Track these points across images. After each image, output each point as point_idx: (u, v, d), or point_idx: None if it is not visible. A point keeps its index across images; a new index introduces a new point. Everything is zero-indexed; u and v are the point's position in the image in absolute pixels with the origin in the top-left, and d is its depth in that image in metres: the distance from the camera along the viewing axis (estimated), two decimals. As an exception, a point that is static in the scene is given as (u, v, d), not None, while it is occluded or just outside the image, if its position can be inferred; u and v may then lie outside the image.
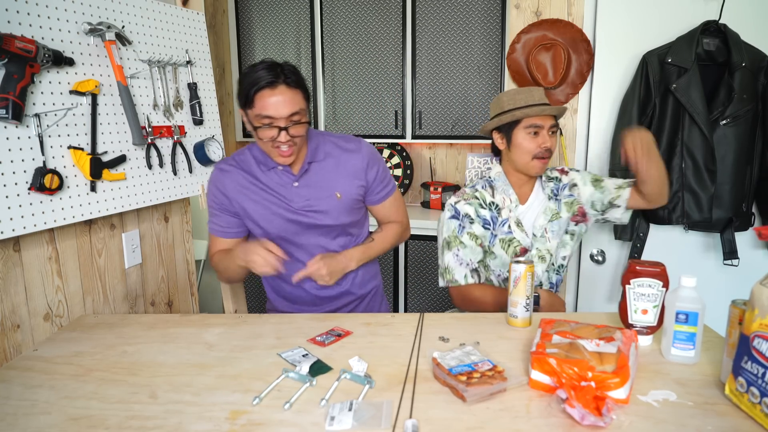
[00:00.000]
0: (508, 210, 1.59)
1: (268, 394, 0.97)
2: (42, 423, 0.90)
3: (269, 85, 1.25)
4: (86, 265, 1.51)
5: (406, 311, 2.76)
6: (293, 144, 1.31)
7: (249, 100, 1.28)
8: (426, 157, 3.06)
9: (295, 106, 1.28)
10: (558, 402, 0.91)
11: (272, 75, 1.25)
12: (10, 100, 1.20)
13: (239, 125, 3.04)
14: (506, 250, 1.57)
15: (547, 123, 1.52)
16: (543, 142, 1.51)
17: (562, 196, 1.62)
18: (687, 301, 1.04)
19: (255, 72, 1.27)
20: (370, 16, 2.72)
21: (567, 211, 1.61)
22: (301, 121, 1.30)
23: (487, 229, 1.58)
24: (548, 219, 1.59)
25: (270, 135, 1.29)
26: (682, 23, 2.02)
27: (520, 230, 1.58)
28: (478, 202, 1.58)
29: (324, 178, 1.43)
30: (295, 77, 1.29)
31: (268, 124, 1.28)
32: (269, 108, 1.26)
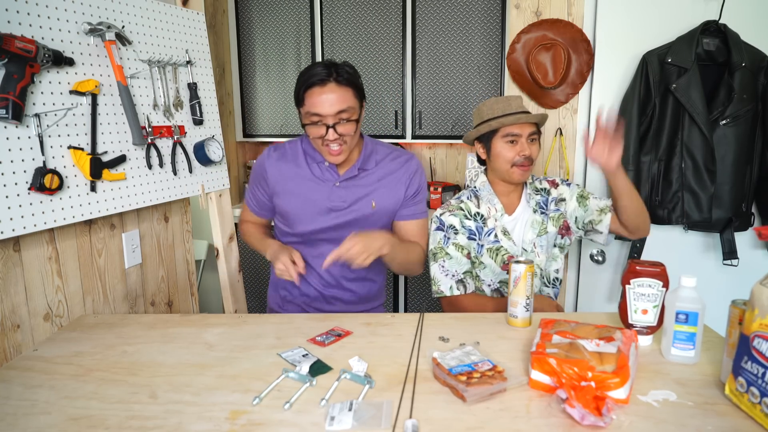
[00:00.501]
0: (493, 219, 1.59)
1: (268, 394, 0.97)
2: (42, 423, 0.90)
3: (319, 83, 1.26)
4: (86, 265, 1.51)
5: (406, 311, 2.76)
6: (343, 142, 1.32)
7: (300, 97, 1.30)
8: (426, 157, 3.06)
9: (344, 104, 1.28)
10: (558, 402, 0.91)
11: (324, 72, 1.26)
12: (10, 100, 1.20)
13: (239, 125, 3.04)
14: (495, 259, 1.58)
15: (526, 131, 1.52)
16: (521, 150, 1.52)
17: (549, 210, 1.61)
18: (687, 301, 1.04)
19: (310, 70, 1.29)
20: (370, 16, 2.72)
21: (554, 225, 1.60)
22: (350, 119, 1.30)
23: (473, 240, 1.58)
24: (536, 233, 1.59)
25: (318, 133, 1.30)
26: (682, 23, 2.02)
27: (507, 239, 1.58)
28: (463, 213, 1.59)
29: (365, 185, 1.43)
30: (348, 75, 1.29)
31: (317, 122, 1.28)
32: (317, 105, 1.27)
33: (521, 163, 1.52)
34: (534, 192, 1.63)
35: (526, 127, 1.52)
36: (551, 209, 1.61)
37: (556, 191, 1.63)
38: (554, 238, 1.61)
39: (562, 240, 1.63)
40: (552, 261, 1.62)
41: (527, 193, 1.62)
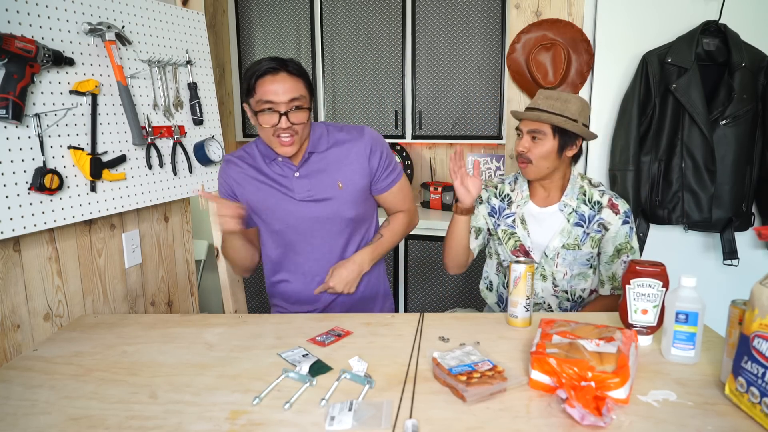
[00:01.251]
0: (516, 205, 1.59)
1: (268, 394, 0.97)
2: (42, 423, 0.90)
3: (271, 71, 1.28)
4: (86, 265, 1.51)
5: (406, 311, 2.76)
6: (294, 132, 1.31)
7: (251, 87, 1.30)
8: (426, 157, 3.06)
9: (296, 92, 1.29)
10: (558, 402, 0.91)
11: (276, 63, 1.28)
12: (10, 100, 1.20)
13: (239, 125, 3.04)
14: (506, 242, 1.59)
15: (526, 128, 1.50)
16: (518, 145, 1.52)
17: (591, 229, 1.52)
18: (687, 301, 1.04)
19: (258, 63, 1.30)
20: (370, 16, 2.72)
21: (591, 247, 1.53)
22: (302, 107, 1.31)
23: (492, 216, 1.63)
24: (562, 244, 1.53)
25: (271, 121, 1.30)
26: (682, 23, 2.02)
27: (523, 227, 1.56)
28: (495, 191, 1.64)
29: (326, 168, 1.42)
30: (298, 67, 1.32)
31: (269, 108, 1.28)
32: (269, 93, 1.27)
33: (519, 159, 1.52)
34: (583, 200, 1.54)
35: (528, 124, 1.50)
36: (593, 228, 1.52)
37: (608, 215, 1.52)
38: (588, 257, 1.54)
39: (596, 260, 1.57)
40: (580, 279, 1.56)
41: (567, 196, 1.54)
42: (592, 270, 1.57)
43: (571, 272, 1.55)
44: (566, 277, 1.55)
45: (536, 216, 1.57)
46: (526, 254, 1.56)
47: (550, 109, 1.47)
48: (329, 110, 2.90)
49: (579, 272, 1.56)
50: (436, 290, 2.70)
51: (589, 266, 1.56)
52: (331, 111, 2.89)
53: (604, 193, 1.54)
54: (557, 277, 1.56)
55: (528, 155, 1.49)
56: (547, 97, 1.49)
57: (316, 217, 1.43)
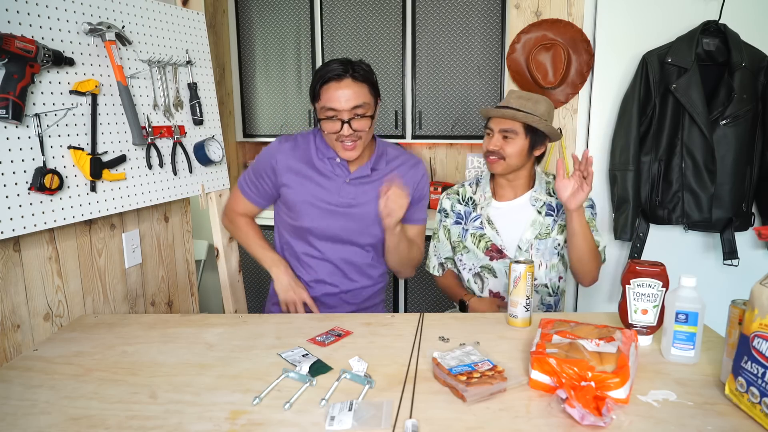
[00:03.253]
0: (481, 207, 1.61)
1: (268, 394, 0.97)
2: (42, 423, 0.90)
3: (335, 78, 1.28)
4: (86, 265, 1.51)
5: (406, 311, 2.76)
6: (357, 138, 1.32)
7: (316, 93, 1.31)
8: (426, 157, 3.06)
9: (359, 99, 1.29)
10: (558, 402, 0.91)
11: (341, 68, 1.28)
12: (10, 100, 1.20)
13: (239, 125, 3.04)
14: (477, 245, 1.59)
15: (497, 126, 1.51)
16: (488, 143, 1.53)
17: (559, 218, 1.57)
18: (687, 301, 1.04)
19: (326, 66, 1.30)
20: (370, 16, 2.72)
21: (560, 233, 1.57)
22: (365, 114, 1.31)
23: (459, 224, 1.63)
24: (535, 235, 1.56)
25: (333, 128, 1.30)
26: (682, 23, 2.02)
27: (491, 228, 1.58)
28: (458, 198, 1.65)
29: (375, 183, 1.43)
30: (364, 72, 1.31)
31: (332, 116, 1.29)
32: (333, 100, 1.28)
33: (488, 155, 1.53)
34: (550, 193, 1.59)
35: (499, 122, 1.51)
36: (562, 216, 1.57)
37: None
38: (554, 243, 1.57)
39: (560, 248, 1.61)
40: (555, 271, 1.60)
41: (536, 190, 1.59)
42: (560, 259, 1.61)
43: (546, 262, 1.58)
44: (542, 268, 1.58)
45: (503, 212, 1.59)
46: (499, 252, 1.57)
47: (523, 108, 1.50)
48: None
49: (552, 263, 1.59)
50: (436, 290, 2.69)
51: (557, 254, 1.59)
52: (331, 111, 2.89)
53: None
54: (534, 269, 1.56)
55: (500, 152, 1.51)
56: (519, 97, 1.53)
57: (347, 227, 1.43)
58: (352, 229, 1.44)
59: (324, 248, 1.47)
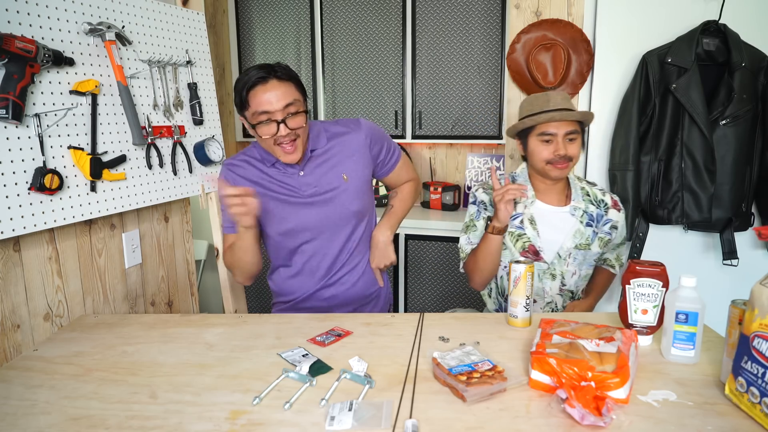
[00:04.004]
0: (523, 205, 1.56)
1: (268, 394, 0.97)
2: (42, 423, 0.90)
3: (260, 81, 1.27)
4: (86, 265, 1.51)
5: (406, 311, 2.76)
6: (295, 137, 1.32)
7: (243, 100, 1.29)
8: (426, 157, 3.06)
9: (289, 97, 1.29)
10: (558, 402, 0.91)
11: (263, 71, 1.27)
12: (10, 100, 1.20)
13: (239, 125, 3.04)
14: (515, 243, 1.55)
15: (562, 130, 1.46)
16: (557, 149, 1.47)
17: (600, 230, 1.55)
18: (687, 301, 1.04)
19: (246, 74, 1.29)
20: (370, 16, 2.72)
21: (599, 247, 1.56)
22: (298, 111, 1.31)
23: None
24: (575, 245, 1.54)
25: (270, 131, 1.29)
26: (682, 23, 2.02)
27: (533, 228, 1.54)
28: None
29: (328, 163, 1.43)
30: (286, 71, 1.31)
31: (266, 120, 1.28)
32: (264, 103, 1.27)
33: (556, 162, 1.48)
34: (589, 201, 1.57)
35: (563, 126, 1.47)
36: (603, 230, 1.55)
37: (617, 215, 1.58)
38: (596, 256, 1.57)
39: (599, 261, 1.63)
40: (585, 280, 1.60)
41: (575, 199, 1.56)
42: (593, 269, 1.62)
43: (580, 272, 1.57)
44: (574, 276, 1.56)
45: (547, 215, 1.56)
46: (535, 254, 1.54)
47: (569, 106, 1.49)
48: (329, 110, 2.90)
49: (586, 273, 1.59)
50: (436, 290, 2.70)
51: (593, 266, 1.60)
52: (331, 111, 2.89)
53: (605, 192, 1.60)
54: (566, 276, 1.56)
55: (569, 154, 1.48)
56: (564, 98, 1.50)
57: (324, 213, 1.43)
58: (330, 213, 1.44)
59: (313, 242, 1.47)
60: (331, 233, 1.46)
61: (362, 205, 1.48)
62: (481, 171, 2.88)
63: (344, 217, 1.46)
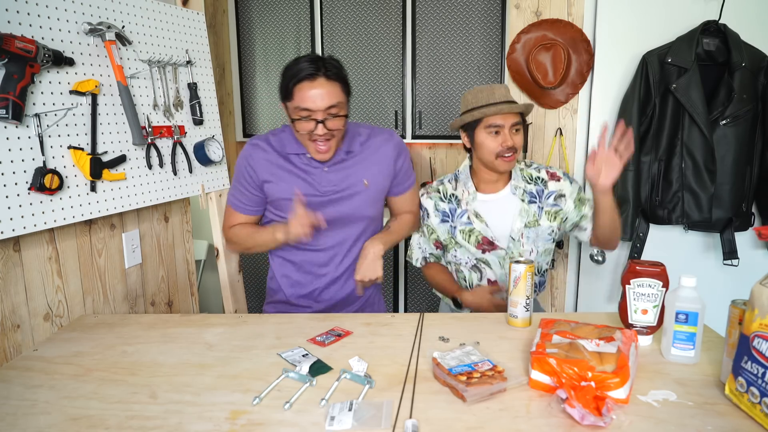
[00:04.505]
0: (465, 202, 1.60)
1: (268, 394, 0.97)
2: (42, 423, 0.90)
3: (308, 77, 1.26)
4: (86, 265, 1.51)
5: (406, 311, 2.76)
6: (330, 137, 1.32)
7: (289, 92, 1.29)
8: (426, 157, 3.06)
9: (333, 98, 1.29)
10: (558, 402, 0.91)
11: (313, 67, 1.26)
12: (10, 100, 1.20)
13: (239, 125, 3.04)
14: (468, 240, 1.59)
15: (509, 121, 1.49)
16: (504, 141, 1.49)
17: (544, 204, 1.57)
18: (687, 301, 1.04)
19: (297, 64, 1.28)
20: (370, 16, 2.72)
21: (549, 220, 1.57)
22: (338, 114, 1.31)
23: (446, 221, 1.62)
24: (524, 224, 1.56)
25: (308, 128, 1.30)
26: (682, 23, 2.02)
27: (480, 221, 1.58)
28: (439, 196, 1.63)
29: (354, 165, 1.44)
30: (336, 70, 1.30)
31: (306, 116, 1.28)
32: (307, 100, 1.27)
33: (504, 154, 1.50)
34: (526, 180, 1.59)
35: (510, 118, 1.50)
36: (548, 203, 1.57)
37: (557, 185, 1.58)
38: (548, 230, 1.58)
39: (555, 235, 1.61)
40: (546, 254, 1.61)
41: (515, 179, 1.59)
42: (554, 244, 1.63)
43: (537, 248, 1.58)
44: (533, 254, 1.58)
45: (489, 204, 1.59)
46: (490, 245, 1.57)
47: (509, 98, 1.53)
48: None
49: (544, 248, 1.60)
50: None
51: (551, 240, 1.60)
52: (331, 111, 2.89)
53: (540, 168, 1.61)
54: (525, 256, 1.58)
55: (515, 146, 1.51)
56: (506, 90, 1.54)
57: (338, 213, 1.43)
58: (344, 214, 1.44)
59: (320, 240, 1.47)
60: (337, 235, 1.47)
61: (375, 212, 1.50)
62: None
63: (356, 219, 1.47)
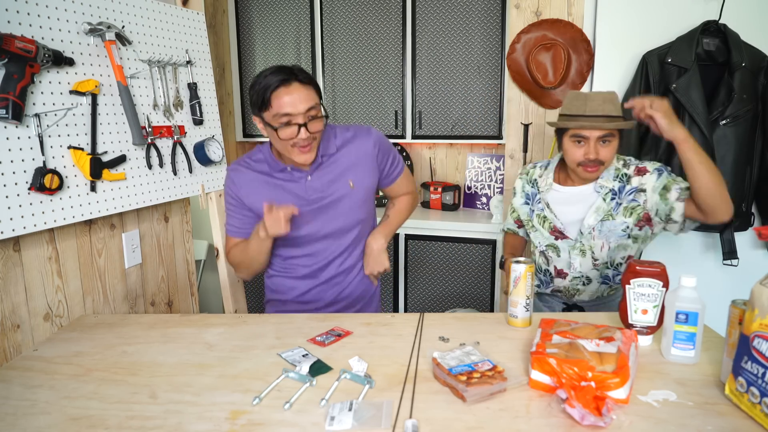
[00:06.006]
0: (543, 191, 1.63)
1: (268, 394, 0.97)
2: (42, 423, 0.90)
3: (283, 83, 1.27)
4: (86, 265, 1.51)
5: (406, 311, 2.76)
6: (312, 139, 1.33)
7: (265, 101, 1.29)
8: (426, 157, 3.06)
9: (311, 101, 1.30)
10: (558, 402, 0.91)
11: (284, 74, 1.28)
12: (10, 100, 1.20)
13: (239, 125, 3.04)
14: (542, 225, 1.63)
15: (595, 134, 1.45)
16: (587, 152, 1.46)
17: (624, 199, 1.52)
18: (687, 301, 1.04)
19: (266, 76, 1.29)
20: (370, 16, 2.72)
21: (625, 215, 1.52)
22: (317, 116, 1.32)
23: (527, 204, 1.68)
24: (599, 219, 1.53)
25: (290, 134, 1.30)
26: (682, 23, 2.02)
27: (550, 211, 1.61)
28: (527, 179, 1.70)
29: (336, 169, 1.44)
30: (306, 74, 1.32)
31: (287, 122, 1.29)
32: (286, 106, 1.27)
33: (586, 164, 1.48)
34: (613, 177, 1.55)
35: (597, 131, 1.45)
36: (627, 198, 1.52)
37: (639, 180, 1.51)
38: (623, 226, 1.53)
39: (641, 231, 1.55)
40: (621, 249, 1.56)
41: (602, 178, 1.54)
42: (631, 240, 1.55)
43: (609, 244, 1.55)
44: (604, 249, 1.56)
45: (563, 196, 1.60)
46: (561, 234, 1.59)
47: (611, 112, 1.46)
48: (329, 110, 2.90)
49: (618, 244, 1.54)
50: (436, 290, 2.70)
51: (626, 236, 1.54)
52: (331, 111, 2.89)
53: (630, 165, 1.55)
54: (596, 250, 1.56)
55: (599, 159, 1.46)
56: (604, 101, 1.47)
57: (328, 219, 1.44)
58: (335, 219, 1.45)
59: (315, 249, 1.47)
60: (333, 239, 1.47)
61: (366, 213, 1.50)
62: (481, 171, 2.88)
63: (348, 223, 1.47)
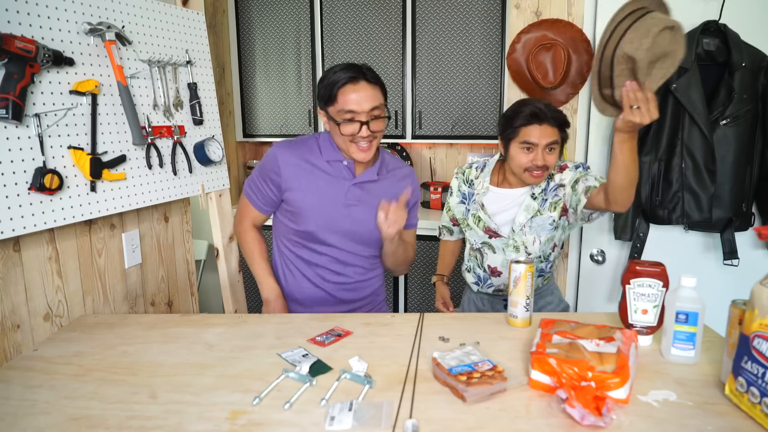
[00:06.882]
0: (476, 192, 1.68)
1: (268, 394, 0.97)
2: (42, 423, 0.90)
3: (351, 81, 1.31)
4: (86, 265, 1.51)
5: (406, 311, 2.76)
6: (372, 138, 1.36)
7: (332, 97, 1.33)
8: (426, 157, 3.06)
9: (376, 101, 1.33)
10: (558, 402, 0.91)
11: (353, 72, 1.32)
12: (10, 100, 1.20)
13: (239, 125, 3.04)
14: (477, 224, 1.67)
15: (543, 141, 1.50)
16: (535, 159, 1.50)
17: (549, 195, 1.60)
18: (687, 301, 1.04)
19: (335, 72, 1.33)
20: (370, 16, 2.72)
21: (550, 210, 1.59)
22: (381, 116, 1.35)
23: (463, 203, 1.72)
24: (529, 217, 1.60)
25: (353, 130, 1.33)
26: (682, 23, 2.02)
27: (483, 212, 1.65)
28: (463, 178, 1.74)
29: (378, 188, 1.47)
30: (374, 74, 1.36)
31: (350, 118, 1.32)
32: (352, 103, 1.31)
33: (533, 170, 1.52)
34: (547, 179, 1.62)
35: (547, 136, 1.50)
36: (551, 195, 1.60)
37: (560, 176, 1.60)
38: (549, 221, 1.59)
39: (560, 220, 1.61)
40: (549, 242, 1.64)
41: None
42: (557, 231, 1.63)
43: (540, 238, 1.61)
44: (536, 244, 1.62)
45: (497, 197, 1.65)
46: (495, 233, 1.64)
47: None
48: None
49: (547, 237, 1.62)
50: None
51: (553, 228, 1.62)
52: (331, 111, 2.89)
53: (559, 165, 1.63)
54: (528, 245, 1.62)
55: (546, 166, 1.51)
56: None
57: (354, 230, 1.45)
58: (360, 232, 1.46)
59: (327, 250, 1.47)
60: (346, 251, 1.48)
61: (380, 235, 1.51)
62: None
63: (369, 241, 1.49)
